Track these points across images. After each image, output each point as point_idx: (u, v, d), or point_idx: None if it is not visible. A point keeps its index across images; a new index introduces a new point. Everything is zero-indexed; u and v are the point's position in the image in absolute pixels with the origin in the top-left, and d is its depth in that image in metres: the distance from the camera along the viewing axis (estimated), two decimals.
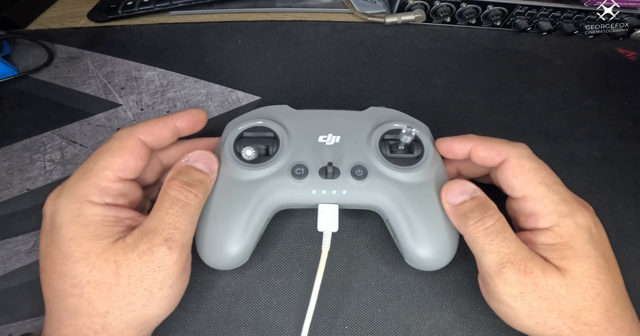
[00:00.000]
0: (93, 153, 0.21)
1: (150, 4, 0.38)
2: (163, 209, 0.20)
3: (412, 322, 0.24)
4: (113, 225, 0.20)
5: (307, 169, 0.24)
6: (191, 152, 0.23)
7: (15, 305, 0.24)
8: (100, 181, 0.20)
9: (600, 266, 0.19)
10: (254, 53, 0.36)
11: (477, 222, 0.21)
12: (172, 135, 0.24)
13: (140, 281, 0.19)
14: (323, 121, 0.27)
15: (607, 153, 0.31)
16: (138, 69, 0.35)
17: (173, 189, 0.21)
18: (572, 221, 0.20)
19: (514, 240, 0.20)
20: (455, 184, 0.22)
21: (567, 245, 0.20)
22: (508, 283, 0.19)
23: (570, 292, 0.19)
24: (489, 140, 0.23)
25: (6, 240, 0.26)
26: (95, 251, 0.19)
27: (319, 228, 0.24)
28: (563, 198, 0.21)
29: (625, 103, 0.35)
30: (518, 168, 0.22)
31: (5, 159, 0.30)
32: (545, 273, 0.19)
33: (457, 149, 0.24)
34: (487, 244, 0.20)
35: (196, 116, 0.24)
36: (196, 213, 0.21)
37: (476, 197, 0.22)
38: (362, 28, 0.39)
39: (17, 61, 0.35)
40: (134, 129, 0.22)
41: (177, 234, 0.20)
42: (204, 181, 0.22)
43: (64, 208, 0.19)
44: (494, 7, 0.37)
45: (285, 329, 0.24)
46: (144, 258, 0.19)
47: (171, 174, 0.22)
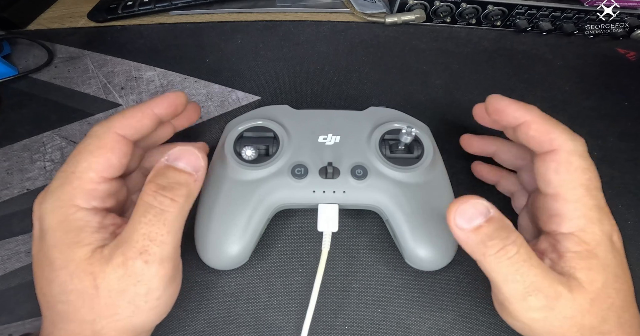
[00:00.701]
0: (71, 154, 0.20)
1: (150, 4, 0.38)
2: (137, 217, 0.18)
3: (412, 322, 0.24)
4: (94, 232, 0.19)
5: (307, 169, 0.24)
6: (171, 148, 0.20)
7: (15, 305, 0.24)
8: (85, 184, 0.19)
9: (617, 275, 0.19)
10: (254, 53, 0.36)
11: (499, 251, 0.18)
12: (152, 124, 0.22)
13: (120, 294, 0.18)
14: (323, 121, 0.27)
15: (607, 153, 0.31)
16: (138, 69, 0.35)
17: (147, 194, 0.19)
18: (599, 228, 0.19)
19: (540, 266, 0.18)
20: (465, 204, 0.18)
21: (592, 253, 0.19)
22: (532, 309, 0.18)
23: (594, 304, 0.18)
24: (550, 122, 0.20)
25: (6, 240, 0.26)
26: (73, 259, 0.18)
27: (319, 228, 0.24)
28: (597, 203, 0.19)
29: (625, 103, 0.35)
30: (565, 164, 0.19)
31: (5, 159, 0.30)
32: (573, 292, 0.18)
33: (509, 114, 0.21)
34: (510, 274, 0.18)
35: (174, 100, 0.23)
36: (175, 220, 0.19)
37: (492, 218, 0.18)
38: (362, 28, 0.39)
39: (17, 61, 0.35)
40: (111, 124, 0.21)
41: (152, 246, 0.18)
42: (185, 182, 0.20)
43: (49, 214, 0.19)
44: (494, 7, 0.37)
45: (285, 329, 0.24)
46: (119, 271, 0.18)
47: (149, 176, 0.20)
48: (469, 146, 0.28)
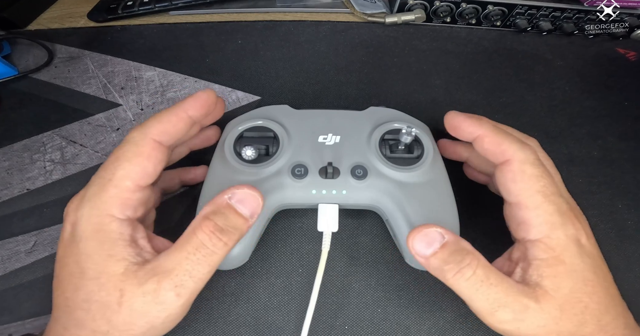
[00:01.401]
0: (109, 160, 0.20)
1: (150, 4, 0.38)
2: (184, 252, 0.18)
3: (412, 322, 0.24)
4: (127, 245, 0.19)
5: (307, 169, 0.24)
6: (238, 188, 0.20)
7: (15, 305, 0.24)
8: (122, 193, 0.19)
9: (587, 279, 0.19)
10: (254, 53, 0.36)
11: (455, 274, 0.19)
12: (187, 127, 0.22)
13: (141, 315, 0.18)
14: (323, 121, 0.27)
15: (607, 153, 0.31)
16: (138, 69, 0.35)
17: (203, 232, 0.19)
18: (563, 233, 0.20)
19: (500, 283, 0.19)
20: (419, 233, 0.20)
21: (559, 260, 0.19)
22: (503, 322, 0.19)
23: (564, 311, 0.19)
24: (500, 134, 0.21)
25: (6, 240, 0.26)
26: (106, 272, 0.18)
27: (319, 228, 0.24)
28: (558, 208, 0.20)
29: (625, 103, 0.35)
30: (519, 173, 0.20)
31: (5, 159, 0.30)
32: (540, 302, 0.19)
33: (464, 130, 0.22)
34: (472, 294, 0.19)
35: (207, 100, 0.22)
36: (219, 261, 0.19)
37: (446, 243, 0.20)
38: (362, 28, 0.39)
39: (17, 61, 0.35)
40: (148, 130, 0.21)
41: (190, 281, 0.18)
42: (240, 227, 0.20)
43: (85, 222, 0.19)
44: (494, 7, 0.37)
45: (285, 329, 0.24)
46: (147, 297, 0.18)
47: (207, 210, 0.20)
48: (444, 149, 0.28)
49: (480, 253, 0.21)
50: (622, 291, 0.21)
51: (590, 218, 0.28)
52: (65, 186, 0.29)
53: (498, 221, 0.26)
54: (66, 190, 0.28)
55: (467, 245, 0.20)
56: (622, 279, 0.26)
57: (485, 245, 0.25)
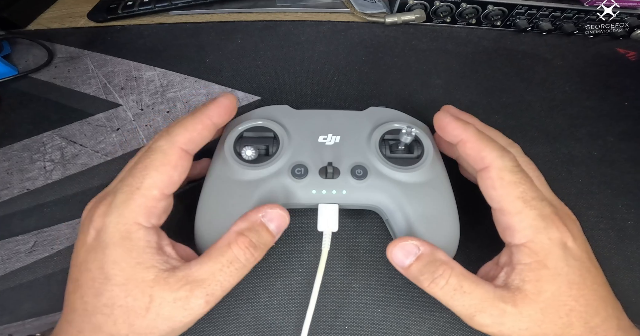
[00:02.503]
0: (137, 168, 0.21)
1: (150, 4, 0.38)
2: (219, 264, 0.20)
3: (412, 322, 0.24)
4: (155, 253, 0.19)
5: (307, 169, 0.24)
6: (270, 208, 0.21)
7: (15, 305, 0.24)
8: (149, 202, 0.20)
9: (571, 282, 0.19)
10: (254, 53, 0.36)
11: (430, 284, 0.20)
12: (211, 134, 0.23)
13: (166, 319, 0.19)
14: (323, 121, 0.27)
15: (607, 153, 0.31)
16: (138, 69, 0.35)
17: (239, 247, 0.20)
18: (546, 237, 0.20)
19: (474, 289, 0.20)
20: (396, 246, 0.21)
21: (542, 264, 0.20)
22: (484, 326, 0.19)
23: (546, 314, 0.19)
24: (482, 140, 0.22)
25: (6, 240, 0.26)
26: (135, 279, 0.19)
27: (319, 228, 0.24)
28: (540, 213, 0.20)
29: (625, 103, 0.35)
30: (497, 180, 0.21)
31: (5, 159, 0.30)
32: (518, 306, 0.19)
33: (449, 132, 0.23)
34: (448, 301, 0.20)
35: (229, 105, 0.23)
36: (246, 273, 0.21)
37: (420, 256, 0.21)
38: (362, 28, 0.39)
39: (17, 61, 0.35)
40: (175, 138, 0.21)
41: (220, 290, 0.20)
42: (269, 244, 0.21)
43: (112, 228, 0.19)
44: (494, 7, 0.37)
45: (285, 329, 0.24)
46: (178, 303, 0.19)
47: (242, 226, 0.21)
48: (439, 143, 0.28)
49: (480, 252, 0.21)
50: (622, 291, 0.21)
51: (590, 218, 0.28)
52: (65, 186, 0.29)
53: None
54: (66, 190, 0.28)
55: (443, 256, 0.21)
56: (622, 279, 0.26)
57: (485, 245, 0.25)
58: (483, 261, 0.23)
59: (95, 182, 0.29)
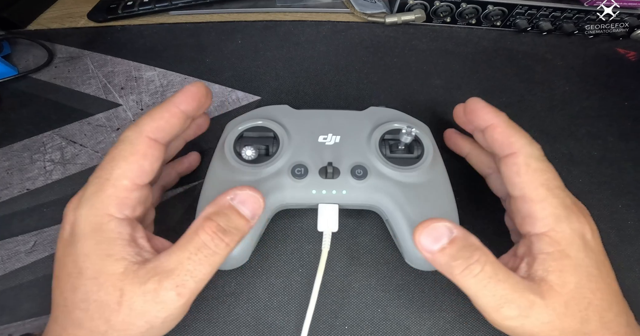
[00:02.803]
0: (105, 160, 0.20)
1: (150, 4, 0.38)
2: (187, 252, 0.19)
3: (412, 322, 0.24)
4: (126, 245, 0.19)
5: (307, 169, 0.24)
6: (240, 189, 0.20)
7: (15, 305, 0.24)
8: (120, 192, 0.19)
9: (591, 275, 0.19)
10: (254, 53, 0.36)
11: (464, 271, 0.19)
12: (181, 123, 0.22)
13: (141, 314, 0.18)
14: (323, 121, 0.27)
15: (607, 153, 0.31)
16: (138, 69, 0.35)
17: (205, 233, 0.19)
18: (568, 226, 0.20)
19: (508, 279, 0.19)
20: (427, 228, 0.19)
21: (564, 254, 0.19)
22: (508, 318, 0.19)
23: (569, 307, 0.19)
24: (512, 128, 0.22)
25: (6, 240, 0.26)
26: (105, 272, 0.18)
27: (319, 228, 0.24)
28: (562, 202, 0.20)
29: (625, 103, 0.35)
30: (524, 166, 0.21)
31: (5, 159, 0.30)
32: (545, 298, 0.18)
33: (481, 118, 0.23)
34: (479, 291, 0.19)
35: (197, 92, 0.22)
36: (220, 261, 0.19)
37: (455, 238, 0.19)
38: (362, 28, 0.39)
39: (17, 61, 0.35)
40: (141, 128, 0.21)
41: (191, 281, 0.18)
42: (242, 228, 0.20)
43: (83, 221, 0.19)
44: (494, 7, 0.37)
45: (285, 329, 0.24)
46: (147, 296, 0.18)
47: (209, 210, 0.20)
48: (448, 139, 0.29)
49: None
50: (623, 291, 0.21)
51: None
52: (65, 186, 0.29)
53: (498, 221, 0.26)
54: (66, 190, 0.28)
55: (476, 240, 0.19)
56: (623, 279, 0.26)
57: (485, 245, 0.25)
58: None
59: None
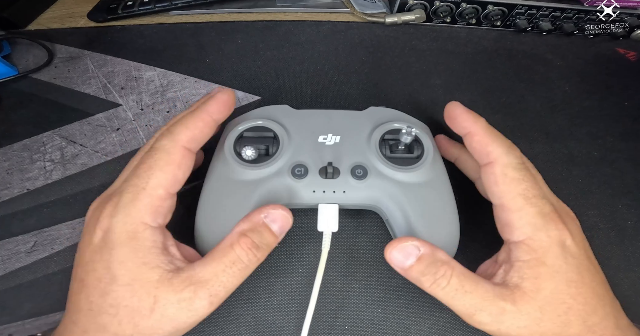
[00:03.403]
0: (141, 168, 0.21)
1: (150, 4, 0.38)
2: (222, 265, 0.20)
3: (412, 322, 0.24)
4: (160, 253, 0.20)
5: (307, 169, 0.24)
6: (273, 209, 0.21)
7: (15, 305, 0.24)
8: (155, 201, 0.20)
9: (570, 280, 0.19)
10: (254, 53, 0.36)
11: (432, 285, 0.20)
12: (212, 131, 0.23)
13: (171, 320, 0.19)
14: (323, 120, 0.27)
15: (607, 153, 0.31)
16: (138, 69, 0.35)
17: (241, 248, 0.20)
18: (545, 234, 0.20)
19: (475, 289, 0.20)
20: (395, 249, 0.21)
21: (540, 261, 0.20)
22: (483, 324, 0.19)
23: (545, 312, 0.19)
24: (491, 136, 0.22)
25: (6, 240, 0.26)
26: (140, 279, 0.19)
27: (319, 228, 0.24)
28: (540, 211, 0.20)
29: (625, 103, 0.35)
30: (501, 176, 0.21)
31: (5, 159, 0.30)
32: (517, 304, 0.19)
33: (459, 123, 0.23)
34: (450, 301, 0.20)
35: (228, 101, 0.23)
36: (249, 274, 0.21)
37: (421, 257, 0.21)
38: (362, 28, 0.39)
39: (17, 61, 0.35)
40: (178, 137, 0.21)
41: (223, 291, 0.19)
42: (272, 244, 0.21)
43: (120, 229, 0.19)
44: (494, 7, 0.37)
45: (285, 329, 0.24)
46: (182, 304, 0.19)
47: (244, 226, 0.21)
48: (438, 145, 0.29)
49: (480, 251, 0.21)
50: (622, 291, 0.21)
51: (590, 218, 0.28)
52: (65, 186, 0.29)
53: None
54: (66, 190, 0.28)
55: (443, 255, 0.21)
56: (622, 279, 0.26)
57: (484, 245, 0.25)
58: (483, 261, 0.23)
59: (95, 182, 0.29)
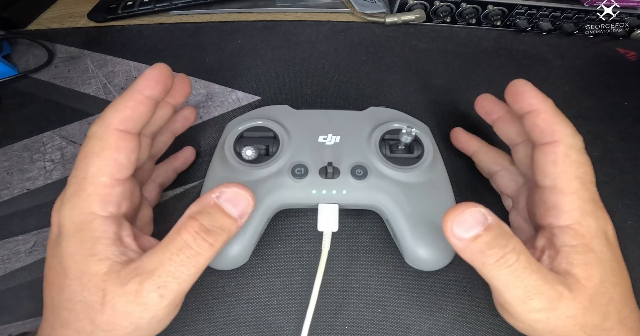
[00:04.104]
0: (78, 158, 0.19)
1: (150, 4, 0.38)
2: (168, 252, 0.18)
3: (412, 322, 0.24)
4: (111, 244, 0.18)
5: (307, 169, 0.24)
6: (226, 187, 0.19)
7: (15, 305, 0.24)
8: (100, 189, 0.19)
9: (613, 269, 0.19)
10: (254, 53, 0.36)
11: (498, 260, 0.17)
12: (148, 109, 0.21)
13: (124, 315, 0.18)
14: (323, 120, 0.27)
15: (607, 153, 0.31)
16: (138, 69, 0.35)
17: (187, 233, 0.18)
18: (594, 221, 0.19)
19: (540, 270, 0.18)
20: (462, 213, 0.18)
21: (588, 247, 0.19)
22: (535, 311, 0.18)
23: (593, 301, 0.18)
24: (560, 116, 0.21)
25: (6, 240, 0.26)
26: (88, 272, 0.18)
27: (319, 228, 0.24)
28: (592, 197, 0.20)
29: (625, 103, 0.35)
30: (562, 156, 0.20)
31: (5, 159, 0.30)
32: (573, 291, 0.18)
33: (526, 101, 0.21)
34: (511, 281, 0.18)
35: (158, 75, 0.21)
36: (206, 262, 0.18)
37: (490, 226, 0.17)
38: (362, 28, 0.39)
39: (17, 61, 0.35)
40: (108, 121, 0.19)
41: (173, 282, 0.18)
42: (228, 228, 0.19)
43: (67, 221, 0.19)
44: (494, 7, 0.37)
45: (285, 329, 0.24)
46: (129, 297, 0.17)
47: (193, 209, 0.19)
48: (455, 138, 0.29)
49: None
50: None
51: None
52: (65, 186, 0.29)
53: None
54: None
55: (509, 229, 0.18)
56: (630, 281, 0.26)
57: None
58: None
59: None
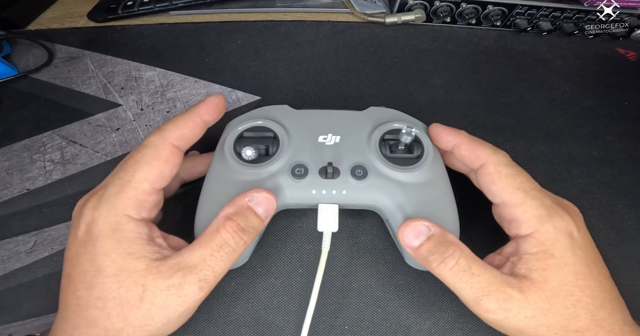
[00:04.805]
0: (128, 162, 0.21)
1: (150, 4, 0.38)
2: (209, 249, 0.20)
3: (412, 322, 0.24)
4: (145, 244, 0.20)
5: (307, 169, 0.24)
6: (257, 192, 0.22)
7: (15, 305, 0.24)
8: (139, 195, 0.20)
9: (578, 272, 0.19)
10: (254, 53, 0.36)
11: (439, 264, 0.20)
12: (201, 132, 0.23)
13: (161, 308, 0.19)
14: (323, 121, 0.27)
15: (607, 153, 0.31)
16: (138, 69, 0.35)
17: (227, 231, 0.20)
18: (551, 226, 0.20)
19: (482, 273, 0.20)
20: (407, 227, 0.22)
21: (548, 253, 0.20)
22: (489, 311, 0.19)
23: (553, 303, 0.19)
24: (475, 142, 0.24)
25: (6, 240, 0.26)
26: (127, 269, 0.19)
27: (319, 228, 0.24)
28: (542, 202, 0.21)
29: (625, 103, 0.35)
30: (496, 174, 0.22)
31: (5, 159, 0.30)
32: (524, 293, 0.19)
33: (444, 140, 0.25)
34: (456, 284, 0.20)
35: (218, 105, 0.24)
36: (237, 258, 0.21)
37: (431, 236, 0.21)
38: (362, 28, 0.39)
39: (17, 61, 0.35)
40: (166, 134, 0.22)
41: (212, 276, 0.20)
42: (258, 227, 0.22)
43: (102, 221, 0.19)
44: (494, 7, 0.37)
45: (285, 329, 0.24)
46: (171, 290, 0.19)
47: (229, 210, 0.21)
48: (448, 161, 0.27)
49: (480, 251, 0.21)
50: (622, 291, 0.21)
51: (590, 218, 0.28)
52: (65, 186, 0.29)
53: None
54: (66, 190, 0.28)
55: (452, 237, 0.21)
56: (622, 279, 0.26)
57: (484, 245, 0.25)
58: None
59: (95, 182, 0.28)
